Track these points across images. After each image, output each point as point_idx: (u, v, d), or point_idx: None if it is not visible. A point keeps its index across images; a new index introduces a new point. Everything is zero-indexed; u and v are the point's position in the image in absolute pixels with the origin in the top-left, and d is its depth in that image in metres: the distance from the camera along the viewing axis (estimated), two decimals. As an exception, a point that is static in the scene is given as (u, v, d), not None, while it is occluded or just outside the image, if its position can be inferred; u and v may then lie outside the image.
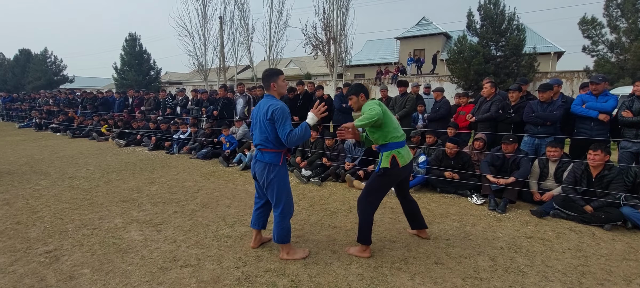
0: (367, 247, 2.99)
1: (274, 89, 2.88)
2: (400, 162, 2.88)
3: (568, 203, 3.94)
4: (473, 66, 15.76)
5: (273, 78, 2.88)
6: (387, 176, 2.91)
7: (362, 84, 3.11)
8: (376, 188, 2.97)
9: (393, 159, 2.87)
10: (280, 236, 2.88)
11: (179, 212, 4.11)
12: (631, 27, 13.87)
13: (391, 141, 2.89)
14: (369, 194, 2.97)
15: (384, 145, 2.92)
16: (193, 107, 9.16)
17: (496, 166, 4.73)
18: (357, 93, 3.02)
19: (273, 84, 2.87)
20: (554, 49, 23.62)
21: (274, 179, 2.80)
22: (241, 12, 21.80)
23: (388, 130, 2.88)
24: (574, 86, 16.99)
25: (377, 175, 2.94)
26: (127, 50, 27.00)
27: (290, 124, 2.71)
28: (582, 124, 4.69)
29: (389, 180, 2.97)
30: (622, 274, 2.77)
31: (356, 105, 3.06)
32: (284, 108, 2.73)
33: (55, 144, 9.69)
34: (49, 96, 15.67)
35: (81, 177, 5.79)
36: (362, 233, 2.96)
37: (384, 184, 2.97)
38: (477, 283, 2.61)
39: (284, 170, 2.86)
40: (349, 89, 3.08)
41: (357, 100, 3.03)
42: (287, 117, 2.71)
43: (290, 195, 2.90)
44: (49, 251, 3.10)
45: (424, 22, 28.99)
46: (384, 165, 2.89)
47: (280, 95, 2.93)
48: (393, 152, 2.88)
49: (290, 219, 2.92)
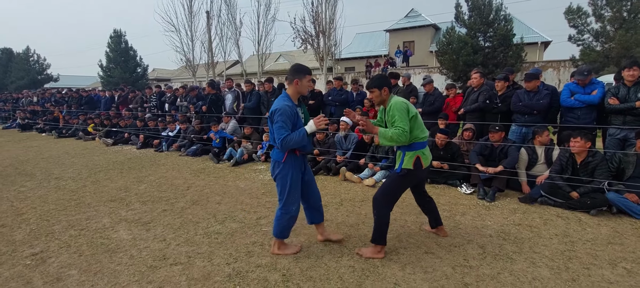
0: (382, 248, 2.85)
1: (296, 85, 2.73)
2: (424, 163, 2.78)
3: (555, 190, 4.01)
4: (462, 57, 15.87)
5: (299, 75, 2.72)
6: (409, 177, 2.79)
7: (386, 75, 2.84)
8: (395, 189, 2.83)
9: (417, 160, 2.74)
10: (276, 231, 2.88)
11: (168, 210, 4.06)
12: (615, 15, 14.11)
13: (415, 141, 2.73)
14: (387, 193, 2.82)
15: (409, 146, 2.75)
16: (182, 104, 9.05)
17: (485, 155, 4.78)
18: (380, 86, 2.77)
19: (297, 80, 2.71)
20: (541, 38, 23.87)
21: (278, 176, 2.80)
22: (228, 6, 21.56)
23: (415, 130, 2.71)
24: (561, 75, 17.25)
25: (399, 175, 2.78)
26: (113, 47, 26.49)
27: (287, 128, 2.61)
28: (569, 113, 4.75)
29: (410, 181, 2.86)
30: (607, 258, 2.84)
31: (378, 100, 2.84)
32: (285, 110, 2.61)
33: (41, 144, 9.48)
34: (32, 95, 15.30)
35: (68, 178, 5.68)
36: (378, 233, 2.81)
37: (404, 184, 2.84)
38: (466, 271, 2.65)
39: (286, 168, 2.76)
40: (370, 81, 2.84)
41: (380, 94, 2.79)
42: (285, 120, 2.60)
43: (294, 195, 2.80)
44: (35, 253, 3.04)
45: (413, 14, 29.00)
46: (407, 166, 2.73)
47: (299, 94, 2.79)
48: (418, 152, 2.74)
49: (291, 218, 2.84)
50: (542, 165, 4.49)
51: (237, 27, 21.62)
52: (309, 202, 2.99)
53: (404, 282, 2.50)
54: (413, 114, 2.70)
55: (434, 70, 19.62)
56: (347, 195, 4.57)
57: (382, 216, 2.79)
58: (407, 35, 28.34)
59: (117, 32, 26.78)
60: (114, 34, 26.71)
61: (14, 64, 29.30)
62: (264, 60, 21.98)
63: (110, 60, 26.57)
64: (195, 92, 8.77)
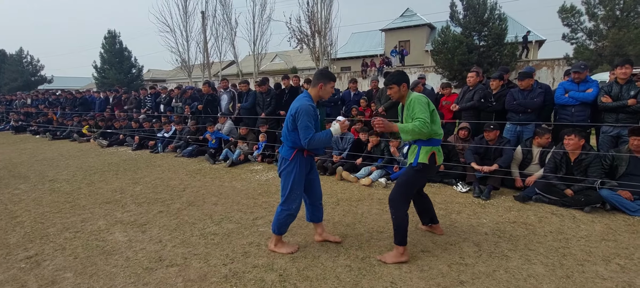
0: (405, 249, 2.77)
1: (319, 89, 2.78)
2: (438, 161, 2.79)
3: (549, 187, 4.04)
4: (457, 56, 15.96)
5: (323, 80, 2.78)
6: (424, 171, 2.79)
7: (404, 72, 2.88)
8: (411, 183, 2.82)
9: (432, 156, 2.75)
10: (274, 226, 2.93)
11: (164, 212, 4.05)
12: (608, 14, 14.26)
13: (433, 137, 2.75)
14: (403, 190, 2.79)
15: (426, 141, 2.75)
16: (177, 105, 9.00)
17: (480, 154, 4.81)
18: (399, 82, 2.77)
19: (321, 84, 2.77)
20: (535, 37, 24.03)
21: (283, 172, 2.86)
22: (223, 6, 21.59)
23: (433, 125, 2.72)
24: (555, 74, 17.38)
25: (415, 169, 2.78)
26: (107, 48, 26.33)
27: (312, 128, 2.65)
28: (563, 111, 4.79)
29: (424, 176, 2.87)
30: (601, 254, 2.87)
31: (397, 96, 2.82)
32: (308, 111, 2.65)
33: (35, 146, 9.40)
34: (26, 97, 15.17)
35: (62, 180, 5.64)
36: (399, 234, 2.75)
37: (419, 179, 2.85)
38: (462, 269, 2.66)
39: (292, 166, 2.80)
40: (389, 77, 2.83)
41: (399, 90, 2.79)
42: (309, 120, 2.64)
43: (295, 192, 2.83)
44: (30, 256, 3.02)
45: (408, 13, 29.12)
46: (423, 160, 2.73)
47: (320, 98, 2.84)
48: (434, 148, 2.75)
49: (290, 216, 2.86)
50: (536, 165, 4.53)
51: (232, 27, 21.64)
52: (311, 198, 3.05)
53: (401, 281, 2.52)
54: (433, 108, 2.73)
55: (430, 69, 19.71)
56: (344, 195, 4.58)
57: (401, 216, 2.75)
58: (403, 34, 28.45)
59: (111, 32, 26.62)
60: (109, 35, 26.54)
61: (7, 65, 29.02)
62: (259, 60, 21.95)
63: (105, 61, 26.41)
64: (188, 94, 8.73)
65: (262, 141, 6.85)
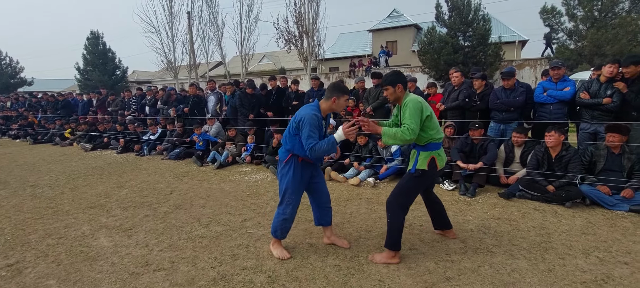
0: (396, 253, 2.76)
1: (332, 102, 2.71)
2: (439, 165, 2.71)
3: (532, 184, 4.15)
4: (443, 57, 16.17)
5: (337, 93, 2.70)
6: (423, 178, 2.71)
7: (401, 72, 2.77)
8: (410, 190, 2.76)
9: (432, 161, 2.67)
10: (271, 228, 2.95)
11: (150, 215, 3.99)
12: (587, 14, 14.67)
13: (431, 141, 2.66)
14: (402, 196, 2.73)
15: (424, 146, 2.68)
16: (163, 107, 8.87)
17: (465, 152, 4.91)
18: (393, 83, 2.65)
19: (334, 98, 2.70)
20: (518, 37, 24.60)
21: (279, 175, 2.90)
22: (210, 6, 21.31)
23: (430, 130, 2.64)
24: (537, 73, 17.80)
25: (413, 176, 2.71)
26: (90, 50, 25.65)
27: (316, 136, 2.62)
28: (542, 109, 4.93)
29: (424, 182, 2.78)
30: (581, 248, 2.96)
31: (393, 97, 2.72)
32: (312, 120, 2.62)
33: (15, 151, 9.13)
34: (5, 100, 14.71)
35: (44, 185, 5.50)
36: (392, 238, 2.72)
37: (418, 186, 2.77)
38: (448, 265, 2.71)
39: (286, 169, 2.81)
40: (384, 78, 2.73)
41: (394, 92, 2.68)
42: (312, 129, 2.61)
43: (290, 197, 2.81)
44: (10, 264, 2.94)
45: (395, 14, 29.38)
46: (422, 166, 2.66)
47: (331, 110, 2.79)
48: (433, 153, 2.67)
49: (285, 221, 2.85)
50: (517, 164, 4.66)
51: (219, 28, 21.41)
52: (317, 201, 3.04)
53: (389, 279, 2.55)
54: (428, 113, 2.61)
55: (416, 69, 19.93)
56: (332, 195, 4.56)
57: (396, 221, 2.71)
58: (390, 35, 28.70)
59: (94, 33, 25.94)
60: (91, 36, 25.86)
61: (-16, 68, 28.03)
62: (247, 61, 21.79)
63: (88, 62, 25.72)
64: (173, 97, 8.61)
65: (251, 143, 6.82)
